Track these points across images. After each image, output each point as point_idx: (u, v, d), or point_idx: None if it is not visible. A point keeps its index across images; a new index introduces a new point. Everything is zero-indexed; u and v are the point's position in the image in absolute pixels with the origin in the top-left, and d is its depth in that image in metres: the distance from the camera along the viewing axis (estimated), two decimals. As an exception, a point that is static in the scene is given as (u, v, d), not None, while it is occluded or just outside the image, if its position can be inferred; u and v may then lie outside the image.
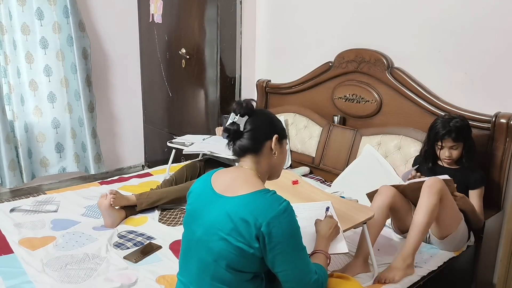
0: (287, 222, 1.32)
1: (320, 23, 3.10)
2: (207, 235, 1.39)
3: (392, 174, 2.55)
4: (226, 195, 1.40)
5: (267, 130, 1.48)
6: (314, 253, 1.55)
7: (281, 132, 1.51)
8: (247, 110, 1.45)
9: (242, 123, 1.45)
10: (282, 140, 1.51)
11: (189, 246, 1.47)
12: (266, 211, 1.31)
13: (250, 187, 1.39)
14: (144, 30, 4.07)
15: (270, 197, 1.36)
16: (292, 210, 1.36)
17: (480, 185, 2.16)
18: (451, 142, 2.12)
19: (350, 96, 2.89)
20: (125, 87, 4.14)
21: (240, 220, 1.32)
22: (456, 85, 2.46)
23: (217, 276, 1.37)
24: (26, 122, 3.55)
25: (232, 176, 1.46)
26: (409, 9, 2.59)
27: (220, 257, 1.36)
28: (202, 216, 1.43)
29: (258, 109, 1.51)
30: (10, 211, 2.35)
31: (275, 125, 1.51)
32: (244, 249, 1.33)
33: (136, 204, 2.37)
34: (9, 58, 3.36)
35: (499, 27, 2.26)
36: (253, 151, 1.46)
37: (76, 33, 3.53)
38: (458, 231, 2.04)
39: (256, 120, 1.46)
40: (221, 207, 1.38)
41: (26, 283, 1.73)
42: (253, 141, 1.45)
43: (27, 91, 3.52)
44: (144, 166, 4.41)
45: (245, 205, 1.34)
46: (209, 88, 3.53)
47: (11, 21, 3.35)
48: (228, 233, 1.34)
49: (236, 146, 1.47)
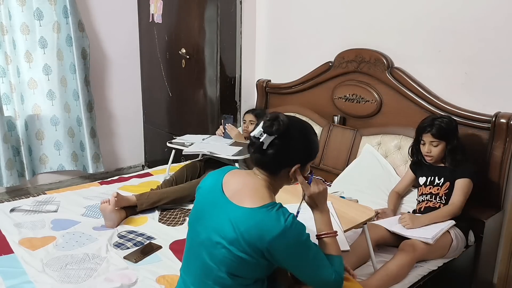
0: (292, 238, 1.29)
1: (320, 23, 3.10)
2: (210, 241, 1.36)
3: (392, 174, 2.55)
4: (233, 201, 1.35)
5: (291, 159, 1.38)
6: (319, 239, 1.47)
7: (309, 158, 1.43)
8: (277, 132, 1.34)
9: (267, 142, 1.35)
10: (305, 166, 1.43)
11: (192, 246, 1.45)
12: (268, 231, 1.27)
13: (257, 199, 1.33)
14: (144, 30, 4.07)
15: (275, 214, 1.29)
16: (298, 224, 1.31)
17: (463, 175, 2.13)
18: (431, 137, 2.17)
19: (350, 96, 2.89)
20: (125, 87, 4.14)
21: (243, 234, 1.29)
22: (456, 85, 2.46)
23: (218, 280, 1.36)
24: (26, 120, 3.57)
25: (243, 181, 1.40)
26: (409, 9, 2.59)
27: (222, 263, 1.34)
28: (207, 218, 1.40)
29: (292, 130, 1.36)
30: (10, 211, 2.35)
31: (304, 152, 1.41)
32: (246, 259, 1.31)
33: (136, 205, 2.37)
34: (10, 58, 3.36)
35: (499, 27, 2.26)
36: (269, 171, 1.40)
37: (75, 33, 3.54)
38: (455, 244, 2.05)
39: (283, 145, 1.35)
40: (226, 215, 1.33)
41: (26, 283, 1.74)
42: (273, 164, 1.38)
43: (26, 90, 3.53)
44: (144, 166, 4.41)
45: (248, 221, 1.29)
46: (209, 88, 3.53)
47: (10, 21, 3.35)
48: (230, 242, 1.31)
49: (254, 158, 1.40)
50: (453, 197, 2.13)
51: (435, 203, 2.18)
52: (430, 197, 2.21)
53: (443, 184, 2.19)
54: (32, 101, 3.58)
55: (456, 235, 2.06)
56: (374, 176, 2.54)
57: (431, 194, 2.21)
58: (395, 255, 1.91)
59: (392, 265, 1.85)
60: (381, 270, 1.84)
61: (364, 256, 1.92)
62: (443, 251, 2.02)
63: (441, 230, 1.99)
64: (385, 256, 2.00)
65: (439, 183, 2.20)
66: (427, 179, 2.25)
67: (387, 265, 1.86)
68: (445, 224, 2.04)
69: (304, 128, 1.44)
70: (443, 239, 2.01)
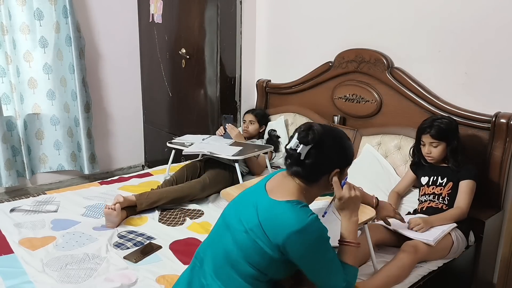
0: (311, 237, 1.31)
1: (320, 23, 3.10)
2: (236, 224, 1.40)
3: (392, 174, 2.55)
4: (268, 194, 1.40)
5: (329, 165, 1.41)
6: (340, 244, 1.49)
7: (345, 163, 1.45)
8: (313, 142, 1.38)
9: (304, 152, 1.37)
10: (343, 171, 1.46)
11: (220, 227, 1.48)
12: (288, 224, 1.30)
13: (286, 195, 1.38)
14: (144, 30, 4.07)
15: (298, 210, 1.32)
16: (320, 224, 1.33)
17: (468, 177, 2.14)
18: (430, 138, 2.17)
19: (350, 96, 2.89)
20: (125, 87, 4.15)
21: (262, 222, 1.33)
22: (456, 85, 2.46)
23: (236, 266, 1.38)
24: (26, 120, 3.58)
25: (281, 180, 1.45)
26: (409, 9, 2.59)
27: (240, 249, 1.37)
28: (241, 204, 1.45)
29: (327, 137, 1.40)
30: (10, 211, 2.35)
31: (340, 158, 1.44)
32: (263, 248, 1.33)
33: (136, 205, 2.37)
34: (10, 58, 3.37)
35: (499, 27, 2.26)
36: (308, 180, 1.42)
37: (74, 33, 3.54)
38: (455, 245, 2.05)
39: (320, 153, 1.39)
40: (255, 201, 1.39)
41: (26, 283, 1.73)
42: (312, 173, 1.41)
43: (26, 90, 3.54)
44: (144, 166, 4.41)
45: (271, 210, 1.34)
46: (209, 88, 3.53)
47: (10, 20, 3.35)
48: (251, 228, 1.34)
49: (292, 170, 1.42)
50: (459, 200, 2.13)
51: (437, 203, 2.18)
52: (433, 197, 2.20)
53: (446, 184, 2.19)
54: (32, 100, 3.59)
55: (457, 236, 2.06)
56: (374, 176, 2.54)
57: (434, 194, 2.21)
58: (397, 256, 1.90)
59: (394, 266, 1.85)
60: (382, 271, 1.83)
61: (363, 256, 1.91)
62: (444, 253, 2.02)
63: (442, 232, 1.99)
64: (386, 256, 1.99)
65: (442, 183, 2.20)
66: (429, 179, 2.25)
67: (388, 266, 1.85)
68: (447, 226, 2.04)
69: (338, 134, 1.48)
70: (444, 241, 2.00)
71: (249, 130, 3.16)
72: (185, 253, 1.98)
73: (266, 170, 2.92)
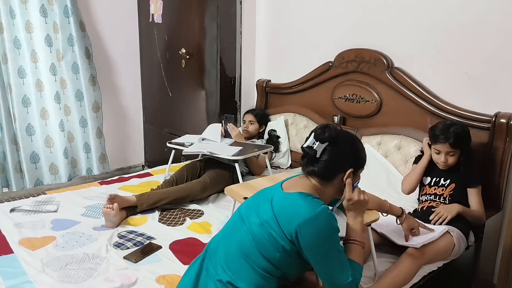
0: (323, 226, 1.34)
1: (320, 23, 3.10)
2: (252, 217, 1.44)
3: (393, 173, 2.55)
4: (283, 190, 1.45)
5: (343, 163, 1.46)
6: (345, 243, 1.52)
7: (358, 164, 1.49)
8: (329, 139, 1.43)
9: (320, 150, 1.43)
10: (357, 172, 1.49)
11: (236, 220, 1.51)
12: (301, 213, 1.34)
13: (300, 189, 1.42)
14: (144, 30, 4.07)
15: (311, 200, 1.38)
16: (332, 215, 1.37)
17: (477, 184, 2.16)
18: (449, 148, 2.11)
19: (350, 96, 2.89)
20: (125, 87, 4.15)
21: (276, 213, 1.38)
22: (456, 85, 2.46)
23: (249, 257, 1.40)
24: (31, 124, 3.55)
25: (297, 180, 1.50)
26: (409, 9, 2.59)
27: (255, 240, 1.39)
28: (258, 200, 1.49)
29: (342, 136, 1.46)
30: (10, 211, 2.35)
31: (354, 157, 1.48)
32: (276, 238, 1.36)
33: (136, 205, 2.37)
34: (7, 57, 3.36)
35: (499, 27, 2.26)
36: (323, 179, 1.46)
37: (77, 33, 3.54)
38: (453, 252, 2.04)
39: (335, 151, 1.44)
40: (270, 196, 1.44)
41: (26, 283, 1.73)
42: (327, 171, 1.45)
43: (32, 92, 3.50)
44: (144, 166, 4.41)
45: (284, 201, 1.39)
46: (209, 88, 3.53)
47: (13, 20, 3.34)
48: (266, 220, 1.38)
49: (308, 170, 1.47)
50: (476, 206, 2.13)
51: (438, 203, 2.18)
52: (434, 197, 2.20)
53: (448, 185, 2.18)
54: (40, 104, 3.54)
55: (458, 238, 2.05)
56: (374, 176, 2.54)
57: (435, 194, 2.20)
58: (402, 260, 1.86)
59: (400, 272, 1.82)
60: (387, 277, 1.80)
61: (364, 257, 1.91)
62: (446, 255, 2.02)
63: (431, 239, 1.94)
64: (386, 256, 1.99)
65: (444, 184, 2.19)
66: (431, 179, 2.24)
67: (394, 271, 1.82)
68: (437, 233, 1.99)
69: (352, 135, 1.55)
70: (446, 243, 1.99)
71: (249, 130, 3.16)
72: (185, 253, 1.98)
73: (266, 170, 2.92)
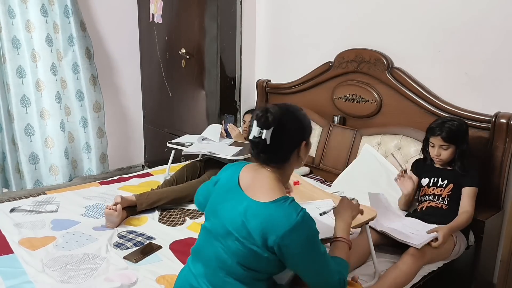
0: (304, 233, 1.30)
1: (320, 23, 3.10)
2: (224, 232, 1.38)
3: (393, 173, 2.54)
4: (247, 194, 1.38)
5: (295, 140, 1.41)
6: (333, 241, 1.51)
7: (308, 135, 1.45)
8: (274, 123, 1.35)
9: (268, 137, 1.35)
10: (308, 142, 1.46)
11: (207, 237, 1.46)
12: (281, 224, 1.28)
13: (269, 193, 1.35)
14: (144, 30, 4.07)
15: (288, 207, 1.31)
16: (310, 219, 1.33)
17: (471, 183, 2.13)
18: (441, 141, 2.14)
19: (350, 96, 2.89)
20: (125, 87, 4.15)
21: (254, 228, 1.31)
22: (456, 85, 2.46)
23: (231, 271, 1.37)
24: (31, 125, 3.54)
25: (254, 175, 1.42)
26: (409, 9, 2.59)
27: (235, 255, 1.35)
28: (222, 212, 1.41)
29: (284, 117, 1.38)
30: (10, 211, 2.35)
31: (302, 130, 1.44)
32: (258, 252, 1.32)
33: (136, 205, 2.37)
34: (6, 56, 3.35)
35: (499, 27, 2.26)
36: (280, 162, 1.42)
37: (77, 33, 3.54)
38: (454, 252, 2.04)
39: (284, 131, 1.37)
40: (241, 207, 1.36)
41: (26, 283, 1.73)
42: (281, 153, 1.40)
43: (32, 92, 3.49)
44: (144, 166, 4.41)
45: (260, 215, 1.31)
46: (209, 88, 3.53)
47: (13, 19, 3.34)
48: (243, 236, 1.33)
49: (262, 157, 1.41)
50: (466, 205, 2.11)
51: (437, 203, 2.18)
52: (433, 197, 2.20)
53: (446, 186, 2.18)
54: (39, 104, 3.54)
55: (458, 238, 2.06)
56: (374, 176, 2.54)
57: (434, 194, 2.21)
58: (404, 260, 1.86)
59: (401, 272, 1.82)
60: (388, 277, 1.81)
61: (363, 256, 1.91)
62: (446, 255, 2.02)
63: (429, 238, 1.94)
64: (386, 256, 2.00)
65: (442, 185, 2.20)
66: (430, 180, 2.25)
67: (395, 271, 1.83)
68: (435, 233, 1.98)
69: (292, 108, 1.46)
70: (447, 243, 1.99)
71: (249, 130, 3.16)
72: (185, 253, 1.97)
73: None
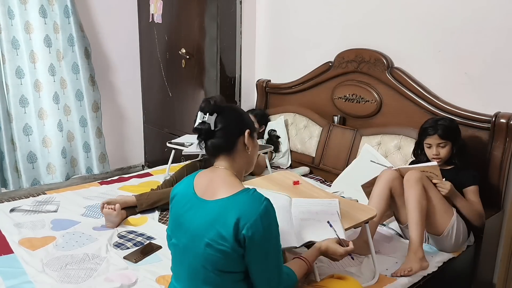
0: (268, 223, 1.30)
1: (320, 23, 3.10)
2: (192, 242, 1.37)
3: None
4: (206, 199, 1.38)
5: (238, 126, 1.44)
6: (296, 257, 1.56)
7: (252, 126, 1.48)
8: (215, 108, 1.41)
9: (212, 122, 1.40)
10: (253, 134, 1.49)
11: (177, 253, 1.45)
12: (247, 213, 1.28)
13: (228, 189, 1.36)
14: (144, 30, 4.07)
15: (252, 196, 1.33)
16: (272, 209, 1.33)
17: (473, 182, 2.14)
18: (438, 139, 2.14)
19: (350, 96, 2.89)
20: (125, 87, 4.14)
21: (221, 225, 1.30)
22: (456, 85, 2.46)
23: (208, 280, 1.36)
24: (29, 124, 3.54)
25: (209, 177, 1.43)
26: (409, 9, 2.59)
27: (207, 262, 1.34)
28: (186, 223, 1.40)
29: (226, 106, 1.47)
30: (10, 211, 2.35)
31: (245, 120, 1.48)
32: (229, 252, 1.31)
33: (136, 205, 2.37)
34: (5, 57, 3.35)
35: (499, 27, 2.26)
36: (226, 149, 1.42)
37: (77, 33, 3.54)
38: (455, 227, 2.03)
39: (227, 117, 1.42)
40: (203, 213, 1.35)
41: (26, 283, 1.73)
42: (226, 139, 1.42)
43: (30, 92, 3.49)
44: (144, 166, 4.41)
45: (225, 209, 1.31)
46: (209, 88, 3.53)
47: (12, 20, 3.34)
48: (211, 238, 1.32)
49: (209, 146, 1.43)
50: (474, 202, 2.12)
51: None
52: None
53: None
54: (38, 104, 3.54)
55: (459, 221, 2.06)
56: (373, 176, 2.53)
57: None
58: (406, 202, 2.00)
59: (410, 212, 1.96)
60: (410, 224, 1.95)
61: (363, 250, 1.94)
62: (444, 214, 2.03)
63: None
64: (386, 255, 2.00)
65: None
66: None
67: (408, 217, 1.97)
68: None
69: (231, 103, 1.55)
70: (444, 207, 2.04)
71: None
72: (185, 253, 1.98)
73: (266, 170, 2.92)
